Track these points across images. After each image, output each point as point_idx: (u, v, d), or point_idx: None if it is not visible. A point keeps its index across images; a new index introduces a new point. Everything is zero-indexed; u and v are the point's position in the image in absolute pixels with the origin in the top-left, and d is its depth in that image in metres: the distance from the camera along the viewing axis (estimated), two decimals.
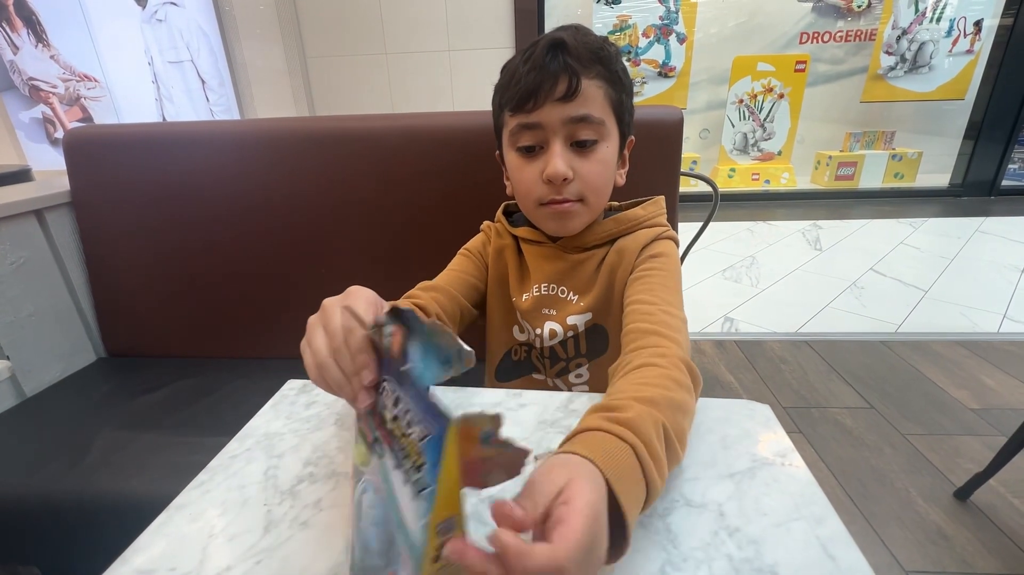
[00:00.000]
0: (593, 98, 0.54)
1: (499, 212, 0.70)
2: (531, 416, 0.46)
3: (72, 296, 1.06)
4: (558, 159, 0.54)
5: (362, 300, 0.38)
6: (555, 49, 0.53)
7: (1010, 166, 3.31)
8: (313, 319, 0.38)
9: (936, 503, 1.11)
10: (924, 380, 1.53)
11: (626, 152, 0.64)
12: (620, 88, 0.57)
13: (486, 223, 0.71)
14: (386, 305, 0.40)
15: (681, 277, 0.58)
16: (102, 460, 0.77)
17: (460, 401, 0.49)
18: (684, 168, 0.91)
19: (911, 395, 1.47)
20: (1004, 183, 3.32)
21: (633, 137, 0.64)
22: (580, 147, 0.56)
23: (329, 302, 0.38)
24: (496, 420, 0.24)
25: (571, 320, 0.62)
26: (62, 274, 1.04)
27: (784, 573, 0.29)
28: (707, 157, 3.75)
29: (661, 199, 0.65)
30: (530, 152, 0.57)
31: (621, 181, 0.63)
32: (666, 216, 0.64)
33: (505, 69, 0.58)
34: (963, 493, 1.12)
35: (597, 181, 0.57)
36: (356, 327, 0.34)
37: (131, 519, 0.39)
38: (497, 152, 0.65)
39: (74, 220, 1.05)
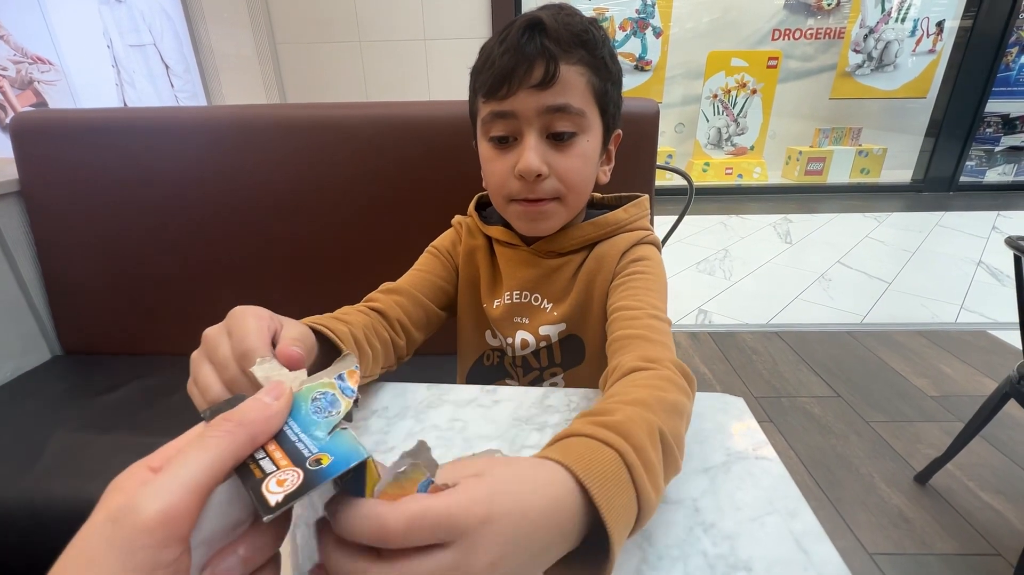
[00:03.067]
0: (573, 86, 0.49)
1: (471, 206, 0.65)
2: (505, 413, 0.45)
3: (23, 291, 1.00)
4: (531, 153, 0.49)
5: (251, 320, 0.30)
6: (532, 30, 0.48)
7: (967, 163, 3.45)
8: (195, 355, 0.31)
9: (898, 487, 1.16)
10: (887, 369, 1.59)
11: (612, 147, 0.59)
12: (605, 76, 0.52)
13: (457, 218, 0.67)
14: (284, 322, 0.33)
15: (666, 281, 0.55)
16: (57, 464, 0.73)
17: (431, 399, 0.48)
18: (659, 162, 0.91)
19: (875, 384, 1.52)
20: (962, 179, 3.47)
21: (620, 131, 0.59)
22: (557, 140, 0.51)
23: (210, 332, 0.32)
24: (431, 466, 0.21)
25: (543, 330, 0.59)
26: (11, 268, 0.98)
27: (758, 568, 0.29)
28: (682, 151, 3.79)
29: (645, 200, 0.61)
30: (503, 143, 0.52)
31: (605, 179, 0.59)
32: (649, 218, 0.61)
33: (482, 49, 0.54)
34: (923, 477, 1.16)
35: (575, 178, 0.53)
36: (251, 349, 0.28)
37: None
38: (473, 141, 0.61)
39: (24, 211, 0.99)
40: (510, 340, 0.60)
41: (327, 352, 0.41)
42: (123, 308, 1.03)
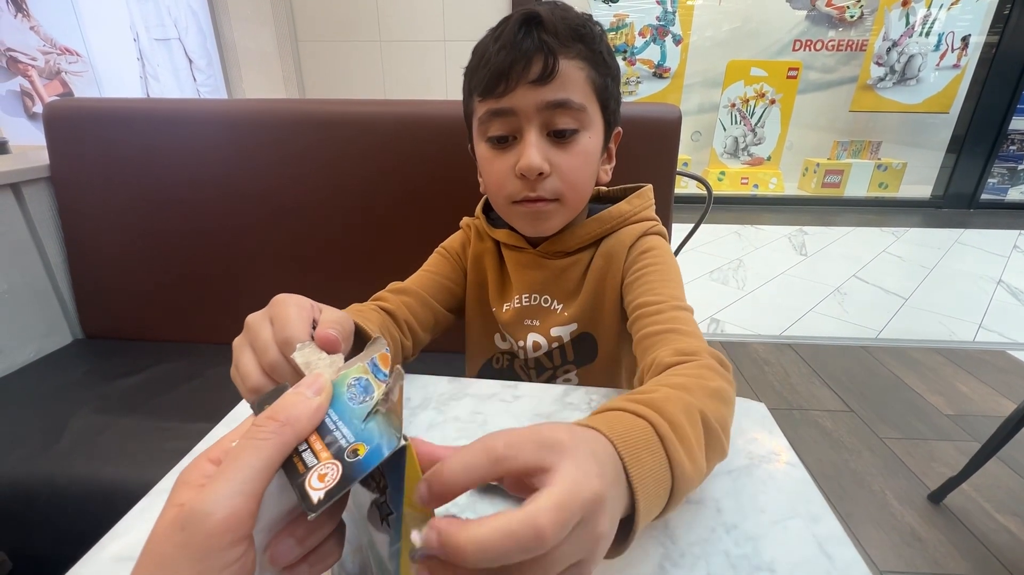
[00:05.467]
0: (573, 81, 0.48)
1: (479, 208, 0.64)
2: (526, 408, 0.46)
3: (49, 274, 1.03)
4: (533, 150, 0.47)
5: (292, 308, 0.30)
6: (528, 24, 0.47)
7: (989, 180, 3.40)
8: (237, 341, 0.32)
9: (911, 505, 1.14)
10: (902, 385, 1.57)
11: (612, 145, 0.57)
12: (605, 71, 0.50)
13: (466, 220, 0.66)
14: (323, 308, 0.33)
15: (678, 268, 0.53)
16: (77, 444, 0.75)
17: (453, 391, 0.48)
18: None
19: (889, 400, 1.50)
20: (983, 197, 3.41)
21: (620, 129, 0.57)
22: (559, 137, 0.49)
23: (252, 318, 0.32)
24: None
25: (555, 332, 0.58)
26: (39, 251, 1.01)
27: (781, 570, 0.29)
28: (698, 159, 3.78)
29: (649, 189, 0.59)
30: (502, 143, 0.50)
31: (606, 177, 0.57)
32: (655, 208, 0.59)
33: (475, 49, 0.52)
34: (937, 496, 1.14)
35: (577, 176, 0.51)
36: (292, 337, 0.28)
37: (105, 506, 0.38)
38: (469, 145, 0.57)
39: (53, 196, 1.01)
40: (521, 343, 0.60)
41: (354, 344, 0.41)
42: (143, 295, 1.04)
